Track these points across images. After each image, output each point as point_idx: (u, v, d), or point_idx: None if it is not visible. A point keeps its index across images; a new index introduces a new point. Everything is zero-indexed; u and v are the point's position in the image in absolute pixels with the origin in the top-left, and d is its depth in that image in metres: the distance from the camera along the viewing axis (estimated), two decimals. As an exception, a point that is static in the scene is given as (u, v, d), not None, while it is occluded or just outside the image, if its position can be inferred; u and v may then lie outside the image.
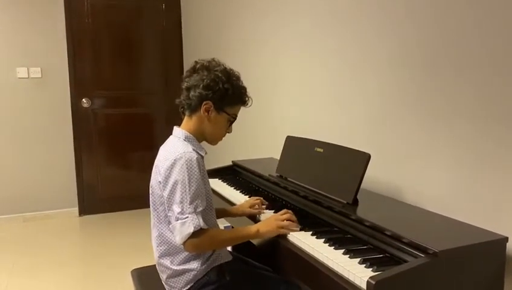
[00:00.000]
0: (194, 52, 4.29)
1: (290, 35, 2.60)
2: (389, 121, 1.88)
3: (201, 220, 1.46)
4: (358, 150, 1.66)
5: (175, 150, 1.52)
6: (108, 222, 4.25)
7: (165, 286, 1.64)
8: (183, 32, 4.56)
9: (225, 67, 1.61)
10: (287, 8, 2.61)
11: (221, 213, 1.86)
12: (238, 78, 1.63)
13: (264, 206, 1.86)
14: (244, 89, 1.64)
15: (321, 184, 1.78)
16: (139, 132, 4.51)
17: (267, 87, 2.92)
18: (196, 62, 1.61)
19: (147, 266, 1.93)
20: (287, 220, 1.58)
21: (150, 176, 1.63)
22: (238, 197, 2.03)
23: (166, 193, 1.50)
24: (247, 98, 1.65)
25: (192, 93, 1.57)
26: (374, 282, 1.10)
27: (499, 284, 1.32)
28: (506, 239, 1.31)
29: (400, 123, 1.82)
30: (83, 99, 4.29)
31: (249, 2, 3.10)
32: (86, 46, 4.27)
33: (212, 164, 2.63)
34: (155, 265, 1.67)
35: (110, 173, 4.48)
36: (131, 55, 4.46)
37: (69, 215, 4.35)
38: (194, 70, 1.60)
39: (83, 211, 4.41)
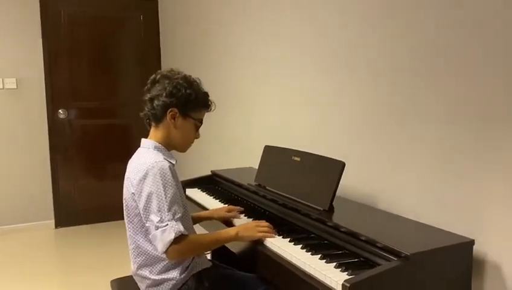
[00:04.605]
0: (172, 62, 4.31)
1: (270, 45, 2.65)
2: (363, 131, 1.94)
3: (181, 226, 1.48)
4: (333, 159, 1.72)
5: (146, 161, 1.54)
6: (86, 233, 4.19)
7: (145, 295, 1.65)
8: (161, 43, 4.58)
9: (185, 74, 1.65)
10: (266, 19, 2.67)
11: (196, 219, 1.88)
12: (198, 83, 1.67)
13: (241, 214, 1.89)
14: (206, 93, 1.68)
15: (298, 192, 1.83)
16: (116, 142, 4.48)
17: (246, 97, 2.96)
18: (156, 74, 1.65)
19: (126, 276, 1.93)
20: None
21: (127, 187, 1.64)
22: (217, 207, 2.05)
23: (141, 204, 1.51)
24: (210, 102, 1.69)
25: (156, 102, 1.60)
26: (348, 285, 1.15)
27: (467, 285, 1.39)
28: (472, 242, 1.38)
29: (373, 133, 1.89)
30: (60, 110, 4.25)
31: (228, 12, 3.15)
32: (63, 57, 4.24)
33: (191, 174, 2.65)
34: (135, 275, 1.67)
35: (87, 184, 4.43)
36: (108, 66, 4.45)
37: (45, 228, 4.27)
38: (154, 81, 1.64)
39: (59, 223, 4.34)
